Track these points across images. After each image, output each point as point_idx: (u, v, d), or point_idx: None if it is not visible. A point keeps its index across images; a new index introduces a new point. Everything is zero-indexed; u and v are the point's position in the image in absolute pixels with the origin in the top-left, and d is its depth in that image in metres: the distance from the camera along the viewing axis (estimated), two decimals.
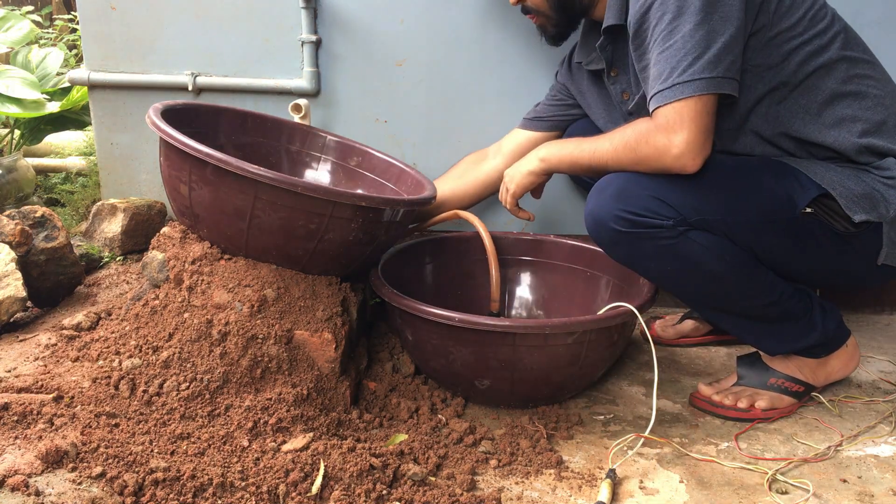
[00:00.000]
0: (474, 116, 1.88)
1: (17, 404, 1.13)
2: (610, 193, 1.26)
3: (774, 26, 1.24)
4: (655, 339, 1.72)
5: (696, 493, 1.16)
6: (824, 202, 1.24)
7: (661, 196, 1.23)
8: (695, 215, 1.23)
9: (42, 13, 4.04)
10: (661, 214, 1.22)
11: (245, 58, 1.89)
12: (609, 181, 1.27)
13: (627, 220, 1.23)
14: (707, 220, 1.24)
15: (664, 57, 1.20)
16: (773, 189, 1.25)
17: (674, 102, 1.19)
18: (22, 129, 2.37)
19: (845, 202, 1.22)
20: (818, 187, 1.23)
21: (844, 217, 1.23)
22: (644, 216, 1.23)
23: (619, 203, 1.24)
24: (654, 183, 1.24)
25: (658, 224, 1.23)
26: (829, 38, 1.26)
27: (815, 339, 1.37)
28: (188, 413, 1.18)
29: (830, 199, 1.23)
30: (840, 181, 1.24)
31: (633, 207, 1.23)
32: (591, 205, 1.28)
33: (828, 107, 1.27)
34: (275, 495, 1.05)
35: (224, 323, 1.24)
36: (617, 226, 1.24)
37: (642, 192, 1.23)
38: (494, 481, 1.17)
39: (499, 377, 1.32)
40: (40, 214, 1.62)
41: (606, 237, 1.28)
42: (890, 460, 1.26)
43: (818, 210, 1.24)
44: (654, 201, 1.23)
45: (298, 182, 1.21)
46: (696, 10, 1.17)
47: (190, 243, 1.35)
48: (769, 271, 1.30)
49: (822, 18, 1.26)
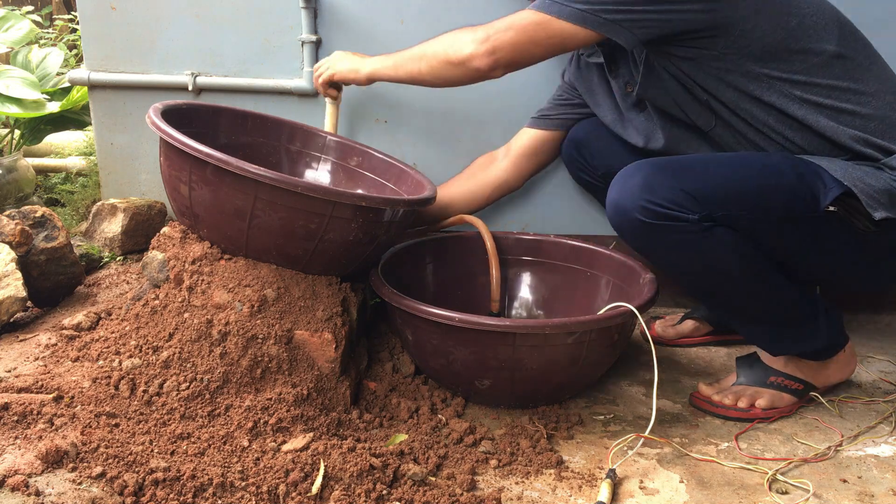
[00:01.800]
0: (474, 116, 1.88)
1: (17, 404, 1.13)
2: (636, 183, 1.24)
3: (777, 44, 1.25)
4: (655, 339, 1.72)
5: (696, 493, 1.16)
6: (846, 200, 1.23)
7: (688, 189, 1.22)
8: (720, 210, 1.22)
9: (42, 13, 4.04)
10: (686, 208, 1.22)
11: (245, 58, 1.89)
12: (634, 169, 1.26)
13: (653, 211, 1.22)
14: (731, 215, 1.23)
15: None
16: (797, 187, 1.24)
17: (525, 11, 1.26)
18: (22, 129, 2.37)
19: (866, 199, 1.21)
20: (841, 185, 1.22)
21: (865, 215, 1.23)
22: (670, 209, 1.22)
23: (646, 193, 1.23)
24: (682, 175, 1.23)
25: (683, 217, 1.22)
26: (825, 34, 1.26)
27: (818, 344, 1.37)
28: (188, 413, 1.18)
29: (852, 198, 1.22)
30: (861, 178, 1.23)
31: (659, 199, 1.22)
32: (614, 193, 1.27)
33: (815, 115, 1.28)
34: (275, 495, 1.05)
35: (224, 323, 1.24)
36: (642, 216, 1.23)
37: (670, 183, 1.22)
38: (494, 481, 1.18)
39: (499, 377, 1.32)
40: (40, 214, 1.62)
41: (629, 227, 1.26)
42: (890, 460, 1.26)
43: (841, 208, 1.24)
44: (680, 193, 1.21)
45: (299, 182, 1.21)
46: None
47: (190, 243, 1.35)
48: (782, 275, 1.30)
49: (814, 32, 1.26)
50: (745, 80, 1.28)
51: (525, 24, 1.29)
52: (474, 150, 1.85)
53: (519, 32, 1.29)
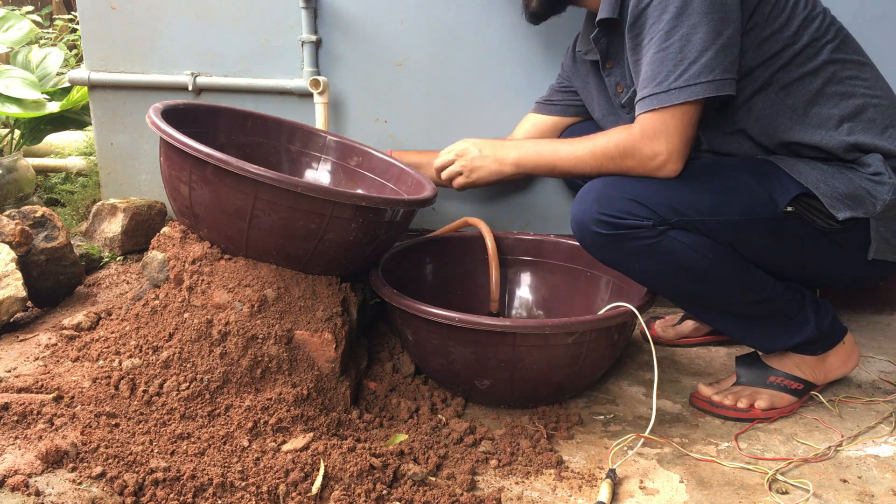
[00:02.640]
0: (474, 116, 1.88)
1: (17, 404, 1.13)
2: (591, 198, 1.28)
3: (767, 27, 1.25)
4: (655, 339, 1.72)
5: (696, 493, 1.16)
6: (806, 200, 1.25)
7: (638, 198, 1.25)
8: (675, 216, 1.24)
9: (42, 13, 4.04)
10: (639, 216, 1.24)
11: (245, 58, 1.89)
12: (590, 187, 1.30)
13: (608, 222, 1.25)
14: (688, 220, 1.25)
15: (660, 58, 1.20)
16: (754, 188, 1.26)
17: (660, 110, 1.21)
18: (22, 129, 2.37)
19: (829, 200, 1.23)
20: (799, 186, 1.24)
21: (827, 214, 1.24)
22: (623, 218, 1.24)
23: (599, 206, 1.26)
24: (631, 185, 1.26)
25: (637, 225, 1.24)
26: (820, 41, 1.26)
27: (808, 336, 1.37)
28: (188, 413, 1.18)
29: (812, 198, 1.24)
30: (823, 179, 1.24)
31: (612, 210, 1.25)
32: (574, 210, 1.31)
33: (813, 106, 1.28)
34: (275, 495, 1.05)
35: (224, 323, 1.24)
36: (598, 229, 1.27)
37: (620, 194, 1.26)
38: (494, 481, 1.18)
39: (499, 377, 1.32)
40: (40, 214, 1.62)
41: (590, 240, 1.30)
42: (890, 460, 1.26)
43: (799, 209, 1.25)
44: (631, 203, 1.24)
45: (299, 182, 1.21)
46: (697, 11, 1.17)
47: (190, 243, 1.35)
48: (756, 269, 1.31)
49: (813, 19, 1.27)
50: (744, 85, 1.28)
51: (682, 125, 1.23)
52: None
53: (681, 133, 1.24)
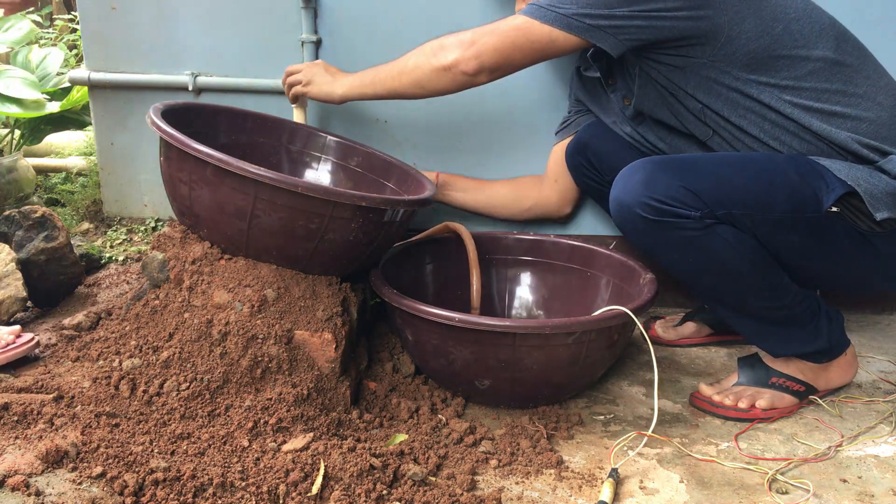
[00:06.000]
0: (475, 116, 1.88)
1: (17, 404, 1.13)
2: (638, 179, 1.24)
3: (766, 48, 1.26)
4: (655, 339, 1.72)
5: (697, 493, 1.16)
6: (849, 201, 1.23)
7: (690, 186, 1.22)
8: (722, 208, 1.22)
9: (42, 13, 4.03)
10: (688, 205, 1.21)
11: (245, 58, 1.89)
12: (637, 167, 1.26)
13: (654, 207, 1.22)
14: (734, 214, 1.23)
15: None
16: (800, 187, 1.24)
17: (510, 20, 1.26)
18: (22, 129, 2.37)
19: (870, 199, 1.21)
20: (844, 185, 1.22)
21: (868, 215, 1.23)
22: (671, 205, 1.22)
23: (647, 190, 1.23)
24: (683, 172, 1.23)
25: (685, 214, 1.22)
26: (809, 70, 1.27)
27: (819, 346, 1.37)
28: (188, 413, 1.18)
29: (855, 198, 1.22)
30: (864, 177, 1.23)
31: (661, 195, 1.22)
32: (617, 190, 1.27)
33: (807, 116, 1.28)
34: (275, 495, 1.05)
35: (224, 323, 1.24)
36: (644, 213, 1.23)
37: (671, 180, 1.22)
38: (494, 481, 1.17)
39: (499, 377, 1.32)
40: (40, 214, 1.62)
41: (631, 224, 1.26)
42: (890, 460, 1.26)
43: (843, 209, 1.23)
44: (682, 191, 1.21)
45: (299, 182, 1.21)
46: None
47: (190, 243, 1.35)
48: (785, 274, 1.30)
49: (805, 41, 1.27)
50: (736, 88, 1.28)
51: (508, 28, 1.29)
52: (475, 150, 1.86)
53: (502, 37, 1.29)
